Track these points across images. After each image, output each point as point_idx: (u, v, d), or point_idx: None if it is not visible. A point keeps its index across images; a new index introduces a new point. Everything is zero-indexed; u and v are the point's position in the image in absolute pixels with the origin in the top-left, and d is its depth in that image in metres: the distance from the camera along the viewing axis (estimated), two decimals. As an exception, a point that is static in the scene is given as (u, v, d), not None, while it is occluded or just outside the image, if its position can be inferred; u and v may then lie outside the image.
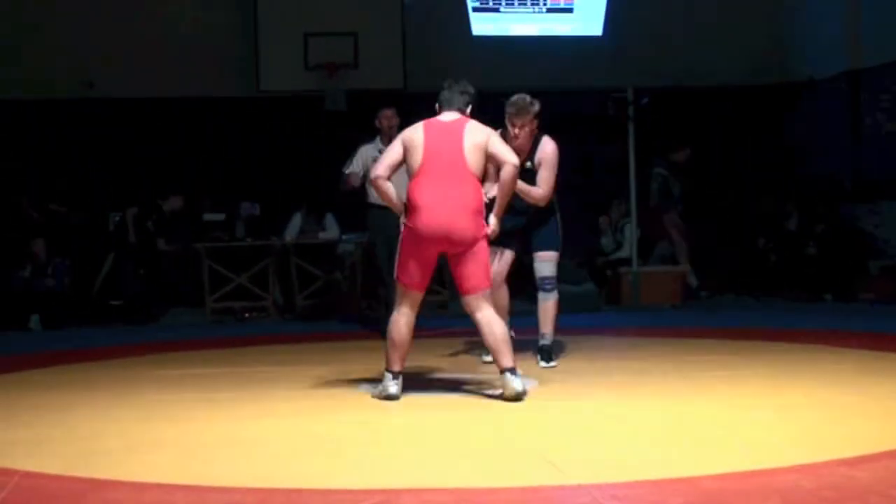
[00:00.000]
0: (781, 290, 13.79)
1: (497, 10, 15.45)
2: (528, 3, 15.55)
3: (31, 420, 6.41)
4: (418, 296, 6.84)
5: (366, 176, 9.75)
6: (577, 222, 14.76)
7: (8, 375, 8.38)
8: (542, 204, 7.98)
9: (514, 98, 7.95)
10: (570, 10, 15.55)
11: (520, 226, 8.02)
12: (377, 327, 9.66)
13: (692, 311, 12.74)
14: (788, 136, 15.71)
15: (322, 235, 13.38)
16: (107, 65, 14.79)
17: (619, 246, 14.15)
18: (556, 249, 8.19)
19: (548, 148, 8.02)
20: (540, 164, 7.98)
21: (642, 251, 13.94)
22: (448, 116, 6.93)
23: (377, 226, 10.01)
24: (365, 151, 10.33)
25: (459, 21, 15.24)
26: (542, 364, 8.10)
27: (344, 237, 13.48)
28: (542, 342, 8.21)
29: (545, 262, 8.15)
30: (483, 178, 6.83)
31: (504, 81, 15.10)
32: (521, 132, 7.83)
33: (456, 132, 6.76)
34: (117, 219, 13.56)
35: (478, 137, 6.74)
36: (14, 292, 12.55)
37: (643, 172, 14.02)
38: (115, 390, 7.49)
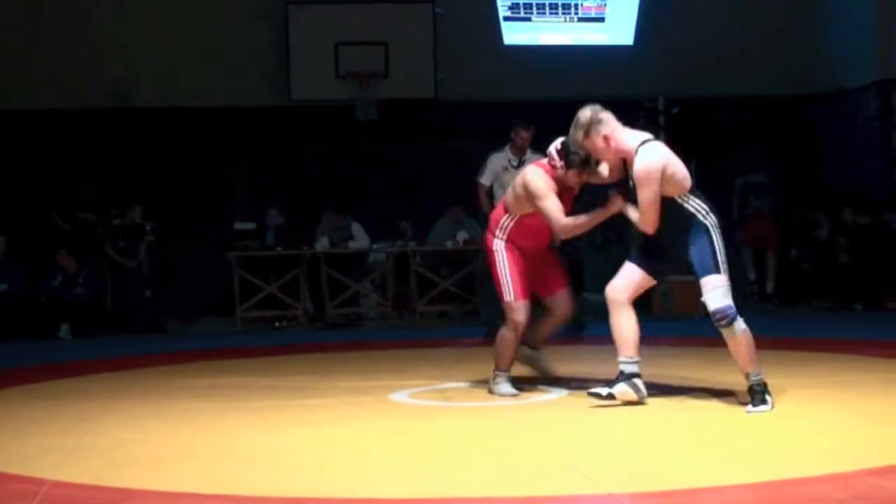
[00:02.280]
0: (812, 299, 13.74)
1: (528, 20, 15.50)
2: (560, 12, 15.59)
3: (62, 429, 6.44)
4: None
5: (492, 186, 10.32)
6: (607, 232, 14.92)
7: (39, 385, 8.41)
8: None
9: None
10: (601, 20, 15.59)
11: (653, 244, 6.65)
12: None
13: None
14: (820, 146, 15.62)
15: (352, 244, 13.40)
16: (140, 75, 14.92)
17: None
18: (712, 272, 6.43)
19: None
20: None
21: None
22: None
23: None
24: (495, 160, 10.35)
25: (491, 30, 15.30)
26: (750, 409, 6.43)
27: (375, 246, 13.50)
28: (747, 383, 6.54)
29: (705, 293, 6.45)
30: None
31: (535, 91, 15.21)
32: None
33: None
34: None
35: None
36: (44, 301, 12.63)
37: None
38: (145, 399, 7.52)
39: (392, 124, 14.95)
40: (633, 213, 6.53)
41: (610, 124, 6.64)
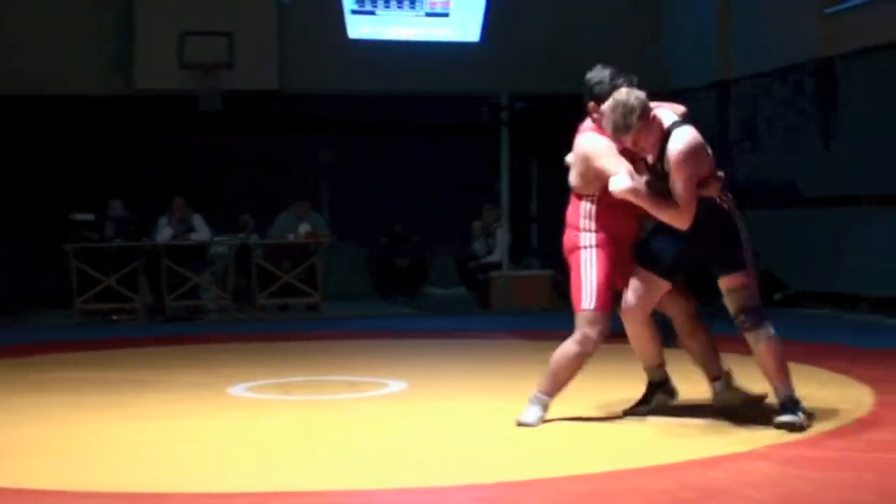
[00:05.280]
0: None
1: (373, 13, 15.49)
2: (406, 6, 15.63)
3: None
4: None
5: None
6: (450, 227, 15.07)
7: None
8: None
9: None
10: (446, 15, 15.66)
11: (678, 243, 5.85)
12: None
13: (562, 313, 12.88)
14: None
15: (193, 237, 13.24)
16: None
17: (490, 250, 14.27)
18: (738, 270, 5.78)
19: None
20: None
21: (513, 255, 14.08)
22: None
23: None
24: None
25: (336, 23, 15.25)
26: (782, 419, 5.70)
27: (216, 239, 13.37)
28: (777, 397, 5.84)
29: (727, 293, 5.81)
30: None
31: (380, 84, 15.27)
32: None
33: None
34: None
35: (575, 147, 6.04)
36: None
37: (517, 177, 14.18)
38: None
39: (236, 115, 14.82)
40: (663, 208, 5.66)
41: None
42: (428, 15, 15.71)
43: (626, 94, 5.67)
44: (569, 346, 5.93)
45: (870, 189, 12.29)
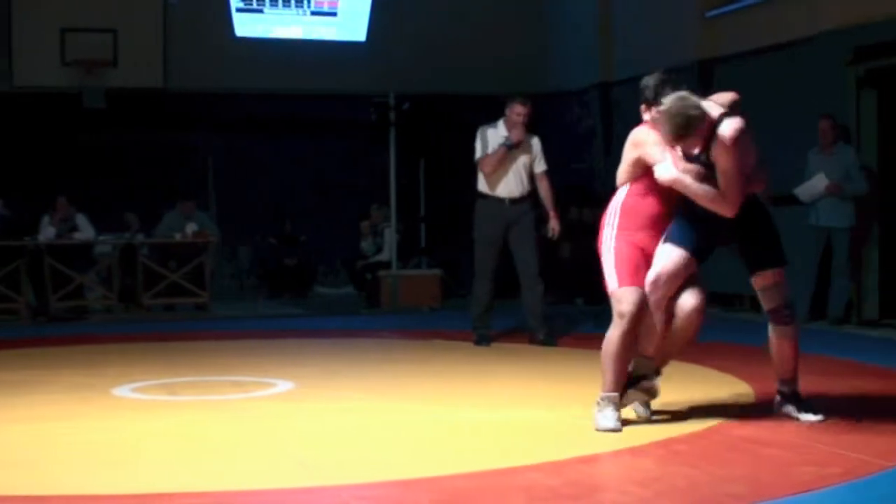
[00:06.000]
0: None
1: (261, 12, 15.42)
2: (293, 5, 15.59)
3: None
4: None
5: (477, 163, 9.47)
6: (338, 227, 15.07)
7: None
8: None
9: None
10: (333, 14, 15.65)
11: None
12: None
13: (455, 312, 12.96)
14: (546, 146, 16.12)
15: (77, 236, 13.05)
16: None
17: (379, 249, 14.30)
18: (781, 266, 5.82)
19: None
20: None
21: (402, 255, 14.12)
22: None
23: (490, 215, 9.48)
24: (493, 135, 9.49)
25: (223, 21, 15.15)
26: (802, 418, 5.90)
27: (100, 238, 13.19)
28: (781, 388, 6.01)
29: (769, 287, 5.82)
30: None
31: (267, 83, 15.19)
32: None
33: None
34: None
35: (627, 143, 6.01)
36: None
37: (404, 177, 14.22)
38: None
39: (120, 113, 14.64)
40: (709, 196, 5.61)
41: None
42: (315, 14, 15.69)
43: (683, 103, 5.55)
44: (609, 334, 5.77)
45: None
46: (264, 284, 15.38)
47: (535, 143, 9.62)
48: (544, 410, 6.44)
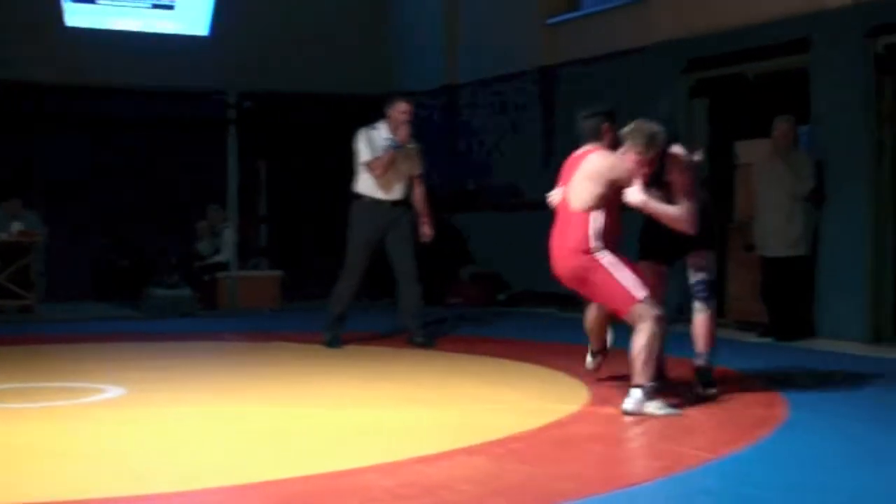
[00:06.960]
0: (385, 297, 14.07)
1: (94, 2, 14.93)
2: (130, -5, 15.17)
3: None
4: None
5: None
6: (174, 226, 14.74)
7: None
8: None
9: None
10: (171, 7, 15.29)
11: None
12: None
13: (292, 314, 12.85)
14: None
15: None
16: None
17: (217, 250, 14.06)
18: (709, 247, 6.76)
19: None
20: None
21: (241, 255, 13.91)
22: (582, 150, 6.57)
23: (367, 219, 9.37)
24: (377, 137, 9.39)
25: (52, 10, 14.58)
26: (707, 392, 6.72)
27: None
28: (700, 363, 6.81)
29: (697, 265, 6.73)
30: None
31: (102, 76, 14.72)
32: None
33: (576, 166, 6.49)
34: None
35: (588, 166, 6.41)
36: None
37: (245, 176, 14.02)
38: None
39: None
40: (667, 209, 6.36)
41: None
42: (154, 7, 15.31)
43: (649, 123, 6.32)
44: (638, 337, 6.17)
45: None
46: (96, 286, 14.96)
47: (414, 144, 9.57)
48: (382, 410, 6.43)
